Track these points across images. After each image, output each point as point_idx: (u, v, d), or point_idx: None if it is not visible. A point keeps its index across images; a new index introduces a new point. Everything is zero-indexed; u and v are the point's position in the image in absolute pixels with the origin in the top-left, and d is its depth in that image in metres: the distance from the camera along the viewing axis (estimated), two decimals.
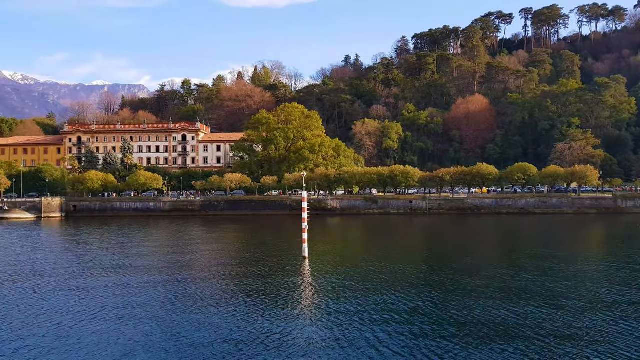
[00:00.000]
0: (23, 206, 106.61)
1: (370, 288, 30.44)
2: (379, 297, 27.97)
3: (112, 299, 28.47)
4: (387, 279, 33.24)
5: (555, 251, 46.19)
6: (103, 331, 22.37)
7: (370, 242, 58.49)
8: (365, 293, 29.07)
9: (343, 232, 74.15)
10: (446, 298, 27.69)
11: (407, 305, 26.10)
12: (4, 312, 25.87)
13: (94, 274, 36.70)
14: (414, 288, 30.33)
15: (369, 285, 31.20)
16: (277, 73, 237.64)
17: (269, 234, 70.16)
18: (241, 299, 28.18)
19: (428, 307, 25.83)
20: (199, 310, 25.77)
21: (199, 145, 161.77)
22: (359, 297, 28.13)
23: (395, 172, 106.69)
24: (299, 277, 34.57)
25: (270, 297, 28.40)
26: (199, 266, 40.08)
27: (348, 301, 27.16)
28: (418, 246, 55.14)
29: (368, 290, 29.90)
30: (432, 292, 29.19)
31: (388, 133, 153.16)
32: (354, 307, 25.78)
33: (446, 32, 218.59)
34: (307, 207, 43.15)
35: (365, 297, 28.02)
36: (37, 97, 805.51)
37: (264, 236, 66.90)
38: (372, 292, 29.42)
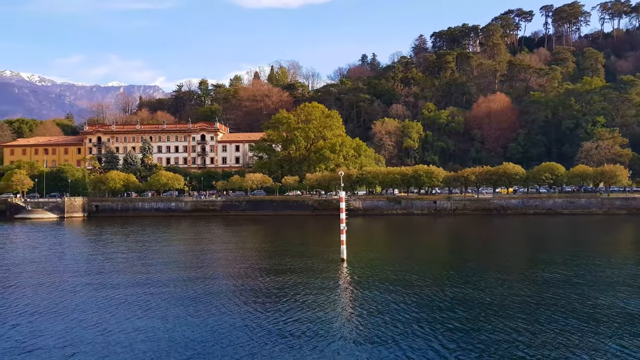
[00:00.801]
0: (46, 206, 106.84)
1: (417, 292, 29.10)
2: (425, 300, 26.64)
3: (153, 299, 27.52)
4: (431, 282, 31.88)
5: (594, 254, 44.35)
6: (149, 330, 21.55)
7: (405, 243, 57.05)
8: (410, 297, 27.74)
9: (371, 233, 72.73)
10: (488, 302, 26.25)
11: (460, 313, 24.71)
12: (44, 312, 25.05)
13: (130, 274, 35.84)
14: (458, 292, 28.92)
15: (415, 290, 29.86)
16: (293, 73, 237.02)
17: (296, 235, 69.02)
18: (281, 302, 27.22)
19: (473, 312, 24.42)
20: (238, 312, 25.30)
21: (217, 145, 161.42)
22: (405, 301, 26.85)
23: (419, 171, 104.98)
24: (340, 280, 33.37)
25: (310, 300, 27.39)
26: (235, 268, 39.00)
27: (393, 306, 25.88)
28: (453, 247, 53.53)
29: (413, 294, 28.56)
30: (474, 295, 27.77)
31: (408, 132, 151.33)
32: (402, 314, 24.47)
33: (465, 30, 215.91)
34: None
35: (411, 301, 26.70)
36: (54, 98, 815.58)
37: (293, 237, 65.75)
38: (419, 295, 28.08)
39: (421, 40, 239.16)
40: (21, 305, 27.21)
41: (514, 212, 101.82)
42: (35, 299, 28.65)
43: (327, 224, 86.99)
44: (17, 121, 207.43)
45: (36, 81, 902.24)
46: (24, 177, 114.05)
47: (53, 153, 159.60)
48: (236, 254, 47.52)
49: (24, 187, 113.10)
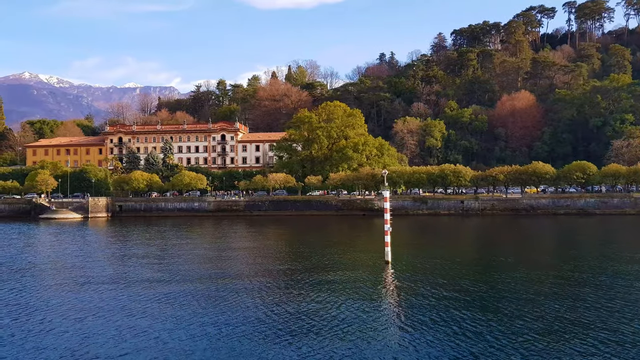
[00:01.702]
0: (70, 206, 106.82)
1: (472, 298, 27.45)
2: (486, 308, 24.96)
3: (198, 299, 26.27)
4: (485, 287, 30.20)
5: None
6: (206, 339, 20.23)
7: (444, 245, 55.26)
8: (467, 303, 26.10)
9: (405, 234, 70.88)
10: (542, 307, 24.49)
11: (517, 320, 23.01)
12: (91, 316, 23.91)
13: (173, 275, 34.69)
14: (512, 296, 27.18)
15: (470, 295, 28.20)
16: (311, 72, 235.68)
17: (327, 236, 67.52)
18: (329, 305, 25.98)
19: (529, 318, 22.70)
20: (283, 316, 24.42)
21: (237, 145, 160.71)
22: (461, 307, 25.22)
23: (446, 171, 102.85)
24: (387, 285, 31.84)
25: (357, 306, 26.03)
26: (275, 272, 37.63)
27: (449, 313, 24.29)
28: (496, 249, 51.53)
29: (469, 299, 26.91)
30: (527, 299, 26.02)
31: (431, 131, 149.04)
32: (460, 322, 22.84)
33: (486, 28, 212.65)
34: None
35: (469, 308, 25.05)
36: (72, 99, 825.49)
37: (325, 238, 64.23)
38: (475, 301, 26.43)
39: (440, 38, 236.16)
40: (66, 309, 26.13)
41: (544, 213, 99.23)
42: (78, 302, 27.58)
43: (354, 224, 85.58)
44: (39, 122, 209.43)
45: (54, 83, 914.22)
46: (48, 177, 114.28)
47: (75, 153, 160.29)
48: (273, 257, 46.17)
49: (48, 188, 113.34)
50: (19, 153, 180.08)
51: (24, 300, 28.69)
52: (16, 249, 54.29)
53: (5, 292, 30.83)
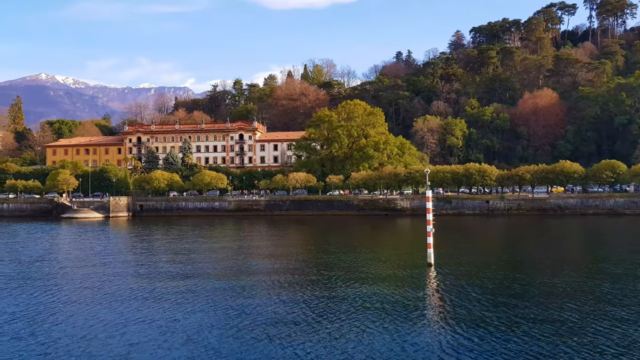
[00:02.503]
0: (91, 206, 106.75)
1: (525, 303, 25.90)
2: (531, 310, 23.42)
3: (232, 301, 25.08)
4: (537, 292, 28.63)
5: None
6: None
7: (482, 246, 53.67)
8: (520, 309, 24.56)
9: (439, 235, 69.10)
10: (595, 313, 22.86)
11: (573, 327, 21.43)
12: (135, 322, 22.86)
13: (207, 277, 33.61)
14: (567, 301, 25.58)
15: (523, 301, 26.65)
16: (327, 72, 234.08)
17: (357, 236, 66.15)
18: (370, 310, 24.87)
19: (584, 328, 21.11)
20: (322, 321, 23.37)
21: (256, 144, 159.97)
22: (505, 311, 23.71)
23: (471, 170, 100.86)
24: (433, 288, 30.41)
25: (401, 312, 24.86)
26: (314, 274, 36.33)
27: (502, 320, 22.79)
28: (536, 251, 49.70)
29: (521, 305, 25.37)
30: (580, 303, 24.38)
31: (451, 130, 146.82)
32: (505, 330, 21.34)
33: (506, 25, 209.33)
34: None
35: (513, 312, 23.52)
36: (87, 100, 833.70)
37: (355, 238, 62.89)
38: (531, 306, 24.88)
39: (458, 36, 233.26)
40: (110, 316, 25.10)
41: (572, 213, 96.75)
42: (120, 307, 26.56)
43: (379, 224, 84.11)
44: (57, 122, 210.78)
45: (70, 84, 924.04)
46: (69, 177, 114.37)
47: (94, 153, 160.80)
48: (310, 259, 44.88)
49: (69, 187, 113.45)
50: (38, 153, 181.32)
51: (62, 303, 27.76)
52: (44, 249, 53.76)
53: (42, 294, 29.96)
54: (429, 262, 36.53)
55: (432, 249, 36.64)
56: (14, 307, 26.54)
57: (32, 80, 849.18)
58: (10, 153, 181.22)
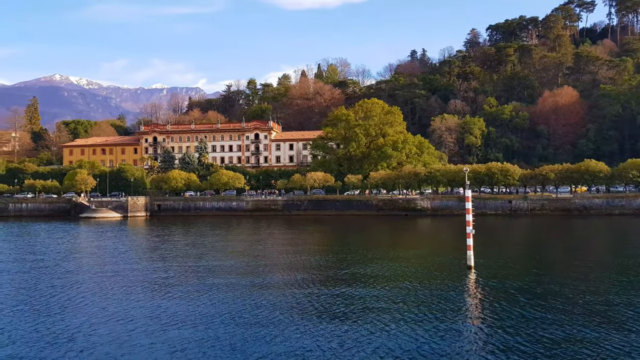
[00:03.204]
0: (109, 205, 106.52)
1: (576, 309, 24.47)
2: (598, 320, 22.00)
3: (261, 303, 24.01)
4: (591, 297, 27.15)
5: None
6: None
7: (519, 247, 52.08)
8: (570, 314, 23.15)
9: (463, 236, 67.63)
10: None
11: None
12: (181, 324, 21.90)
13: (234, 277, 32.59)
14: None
15: (574, 307, 25.21)
16: (341, 70, 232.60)
17: (383, 236, 64.86)
18: (408, 315, 23.72)
19: None
20: (358, 324, 22.66)
21: (271, 144, 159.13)
22: (570, 320, 22.31)
23: (493, 169, 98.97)
24: (474, 293, 29.05)
25: (442, 314, 23.92)
26: (348, 278, 35.14)
27: (548, 328, 21.41)
28: (572, 252, 48.07)
29: (571, 311, 23.94)
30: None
31: (470, 129, 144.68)
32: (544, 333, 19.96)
33: (523, 23, 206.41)
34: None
35: (583, 321, 22.12)
36: (101, 100, 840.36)
37: (384, 239, 61.59)
38: (582, 312, 23.46)
39: (474, 34, 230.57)
40: (145, 314, 24.15)
41: (598, 213, 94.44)
42: (156, 308, 25.60)
43: (402, 225, 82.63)
44: (73, 122, 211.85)
45: (84, 84, 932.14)
46: (87, 176, 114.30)
47: (110, 153, 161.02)
48: (339, 259, 43.66)
49: (87, 187, 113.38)
50: (54, 153, 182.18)
51: (95, 305, 26.88)
52: (66, 250, 53.20)
53: (76, 296, 29.13)
54: (468, 265, 35.17)
55: (472, 251, 35.25)
56: (48, 311, 25.72)
57: (46, 81, 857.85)
58: (27, 153, 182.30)
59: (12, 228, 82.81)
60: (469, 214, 35.85)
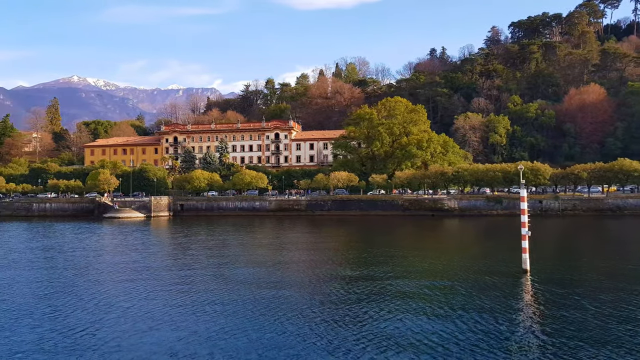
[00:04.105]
0: (133, 205, 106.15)
1: None
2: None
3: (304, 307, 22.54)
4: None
5: None
6: None
7: (572, 250, 49.95)
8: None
9: (507, 237, 65.61)
10: None
11: None
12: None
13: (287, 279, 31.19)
14: None
15: None
16: (359, 70, 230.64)
17: (419, 238, 63.08)
18: (468, 325, 22.03)
19: None
20: (404, 331, 21.37)
21: (291, 143, 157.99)
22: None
23: (523, 168, 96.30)
24: (533, 299, 27.23)
25: (508, 322, 22.01)
26: (398, 280, 33.53)
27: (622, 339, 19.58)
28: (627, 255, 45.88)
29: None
30: None
31: (494, 127, 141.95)
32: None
33: (546, 19, 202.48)
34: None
35: None
36: (118, 101, 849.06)
37: (422, 240, 59.84)
38: None
39: (494, 32, 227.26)
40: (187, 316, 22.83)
41: (632, 213, 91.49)
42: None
43: (432, 225, 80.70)
44: (93, 123, 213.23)
45: (102, 86, 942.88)
46: (109, 176, 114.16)
47: (131, 153, 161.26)
48: (378, 262, 42.03)
49: (110, 187, 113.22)
50: (75, 153, 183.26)
51: (140, 307, 25.67)
52: (95, 250, 52.35)
53: (119, 298, 27.97)
54: (524, 269, 33.34)
55: (527, 254, 33.41)
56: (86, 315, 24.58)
57: (64, 83, 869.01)
58: (48, 153, 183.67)
59: (37, 228, 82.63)
60: (524, 215, 33.99)
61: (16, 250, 51.77)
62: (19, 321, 23.68)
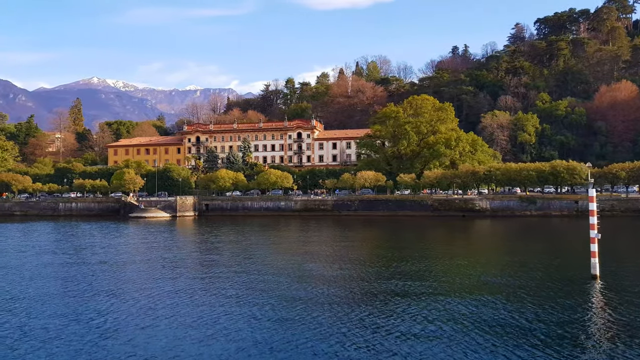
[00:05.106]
0: (158, 205, 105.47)
1: None
2: None
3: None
4: None
5: None
6: None
7: (621, 253, 47.24)
8: None
9: (561, 239, 62.95)
10: None
11: None
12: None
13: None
14: None
15: None
16: (380, 68, 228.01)
17: (467, 241, 60.81)
18: (539, 337, 19.80)
19: None
20: (464, 337, 19.70)
21: (314, 142, 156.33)
22: None
23: (558, 168, 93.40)
24: (608, 306, 24.98)
25: (584, 335, 19.49)
26: (455, 286, 31.54)
27: None
28: None
29: None
30: None
31: (523, 126, 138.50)
32: None
33: (573, 15, 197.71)
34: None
35: None
36: (137, 102, 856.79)
37: (468, 242, 57.61)
38: None
39: (518, 29, 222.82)
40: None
41: None
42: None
43: (465, 226, 78.28)
44: (115, 123, 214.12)
45: (121, 87, 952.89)
46: (134, 176, 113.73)
47: (154, 153, 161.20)
48: (430, 270, 39.99)
49: (136, 186, 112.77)
50: (97, 153, 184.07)
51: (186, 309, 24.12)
52: (127, 251, 51.21)
53: (165, 302, 26.47)
54: (593, 274, 31.06)
55: (596, 258, 31.12)
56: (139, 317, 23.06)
57: (84, 84, 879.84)
58: (71, 154, 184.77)
59: (65, 227, 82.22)
60: (593, 217, 31.64)
61: (48, 251, 50.90)
62: (67, 328, 22.28)
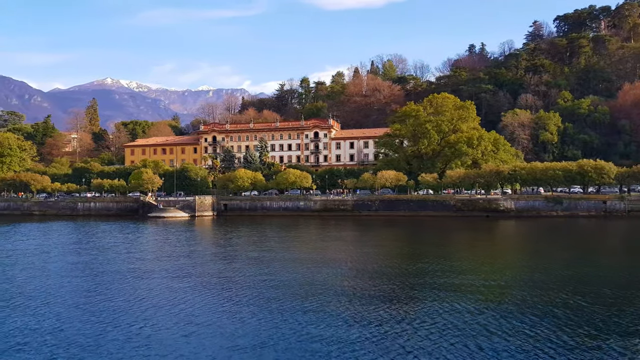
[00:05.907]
0: (177, 205, 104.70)
1: None
2: None
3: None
4: None
5: None
6: None
7: None
8: None
9: (601, 241, 60.87)
10: None
11: None
12: None
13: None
14: None
15: None
16: (397, 67, 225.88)
17: (512, 243, 59.02)
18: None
19: None
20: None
21: (331, 142, 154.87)
22: None
23: (586, 167, 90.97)
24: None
25: None
26: (511, 291, 29.93)
27: None
28: None
29: None
30: None
31: (544, 124, 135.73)
32: None
33: (594, 12, 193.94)
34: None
35: None
36: (150, 102, 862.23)
37: (508, 243, 55.83)
38: None
39: (536, 27, 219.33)
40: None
41: None
42: None
43: (493, 227, 76.34)
44: (131, 123, 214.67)
45: (134, 87, 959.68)
46: (153, 175, 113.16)
47: (170, 152, 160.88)
48: (479, 276, 38.39)
49: (154, 186, 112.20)
50: (114, 153, 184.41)
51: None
52: (150, 251, 50.19)
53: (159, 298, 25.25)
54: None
55: None
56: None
57: (98, 85, 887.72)
58: (87, 153, 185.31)
59: (85, 227, 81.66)
60: None
61: (70, 252, 50.06)
62: (101, 337, 21.09)
